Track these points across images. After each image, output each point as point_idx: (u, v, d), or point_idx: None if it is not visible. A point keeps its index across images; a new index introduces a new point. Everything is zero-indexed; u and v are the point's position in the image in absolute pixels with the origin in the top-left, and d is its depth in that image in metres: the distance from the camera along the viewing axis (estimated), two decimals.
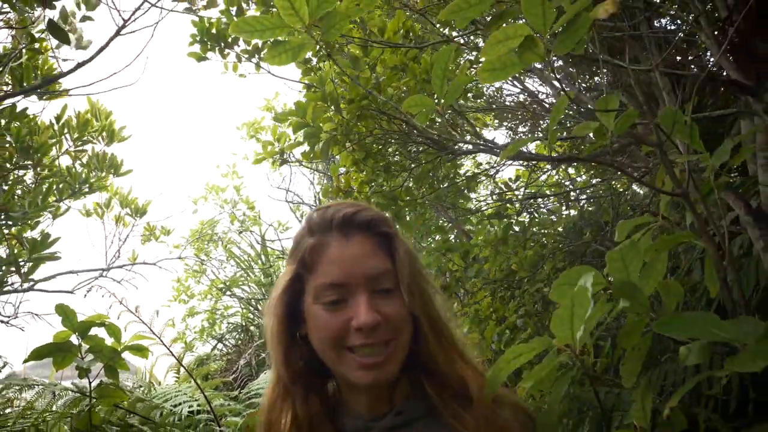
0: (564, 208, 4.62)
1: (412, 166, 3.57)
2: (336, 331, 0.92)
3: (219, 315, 10.65)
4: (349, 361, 0.93)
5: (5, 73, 3.42)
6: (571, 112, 3.44)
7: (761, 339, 1.19)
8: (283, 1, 1.75)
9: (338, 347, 0.93)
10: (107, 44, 2.19)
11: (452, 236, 6.42)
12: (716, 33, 2.23)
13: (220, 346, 9.65)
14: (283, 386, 1.00)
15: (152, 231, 6.45)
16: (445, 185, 3.78)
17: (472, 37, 3.32)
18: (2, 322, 5.20)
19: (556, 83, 3.59)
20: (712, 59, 2.27)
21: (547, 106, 5.26)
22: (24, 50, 3.50)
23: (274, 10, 3.07)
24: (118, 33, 2.21)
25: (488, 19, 2.06)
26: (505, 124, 6.49)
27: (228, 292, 10.73)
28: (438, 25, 3.59)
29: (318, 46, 1.84)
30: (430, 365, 0.97)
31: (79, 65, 2.19)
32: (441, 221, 6.11)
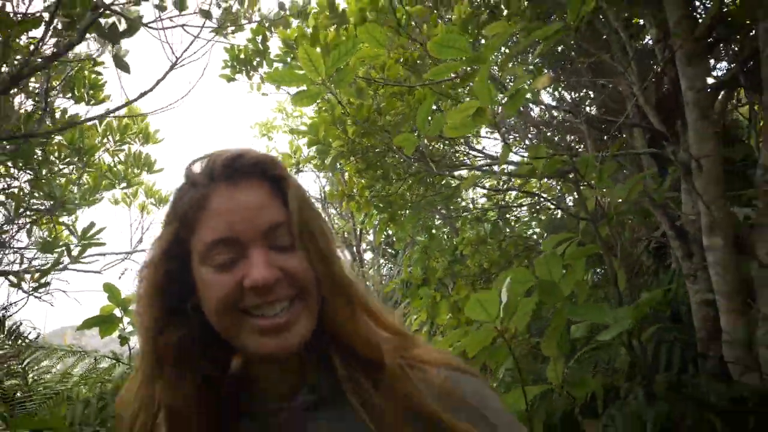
0: (535, 214, 5.20)
1: (408, 172, 4.14)
2: (227, 294, 0.78)
3: None
4: (246, 327, 0.79)
5: (60, 84, 3.98)
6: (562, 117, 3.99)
7: (619, 320, 1.79)
8: (306, 61, 2.34)
9: (231, 311, 0.79)
10: (164, 77, 2.73)
11: (445, 230, 7.02)
12: (645, 83, 2.79)
13: None
14: (150, 368, 0.82)
15: None
16: (434, 194, 4.36)
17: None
18: (36, 297, 5.81)
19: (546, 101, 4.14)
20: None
21: (534, 116, 5.85)
22: (74, 65, 4.06)
23: (290, 36, 3.63)
24: (172, 68, 2.75)
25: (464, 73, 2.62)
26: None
27: None
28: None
29: (330, 92, 2.42)
30: (338, 332, 0.83)
31: (142, 94, 2.74)
32: (436, 219, 6.69)
